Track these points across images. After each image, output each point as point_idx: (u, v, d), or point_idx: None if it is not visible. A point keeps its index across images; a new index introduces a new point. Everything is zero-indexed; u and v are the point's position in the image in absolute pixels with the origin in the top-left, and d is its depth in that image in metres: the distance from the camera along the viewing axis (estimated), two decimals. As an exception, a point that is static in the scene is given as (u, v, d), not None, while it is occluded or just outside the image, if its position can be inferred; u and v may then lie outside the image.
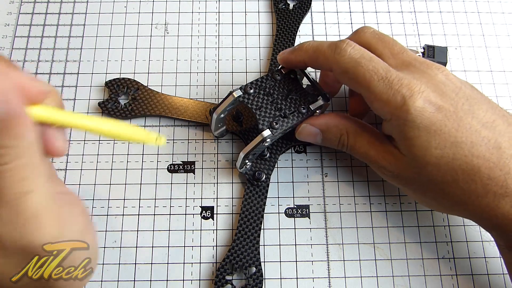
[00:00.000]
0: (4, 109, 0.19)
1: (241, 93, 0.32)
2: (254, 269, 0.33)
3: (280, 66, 0.34)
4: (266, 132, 0.31)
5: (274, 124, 0.31)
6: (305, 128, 0.33)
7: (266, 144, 0.32)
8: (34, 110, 0.21)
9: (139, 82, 0.39)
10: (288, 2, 0.43)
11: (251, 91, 0.32)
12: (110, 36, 0.42)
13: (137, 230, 0.35)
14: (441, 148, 0.27)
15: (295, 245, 0.35)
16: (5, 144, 0.19)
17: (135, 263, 0.34)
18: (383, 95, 0.28)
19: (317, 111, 0.33)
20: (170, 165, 0.37)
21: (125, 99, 0.39)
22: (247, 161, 0.34)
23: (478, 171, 0.27)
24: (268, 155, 0.36)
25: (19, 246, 0.19)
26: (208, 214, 0.36)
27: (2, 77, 0.19)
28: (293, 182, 0.37)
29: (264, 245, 0.35)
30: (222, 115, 0.34)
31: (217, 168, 0.37)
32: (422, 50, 0.40)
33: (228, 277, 0.33)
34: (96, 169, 0.37)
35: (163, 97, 0.38)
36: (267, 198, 0.36)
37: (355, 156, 0.33)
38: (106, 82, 0.39)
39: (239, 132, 0.37)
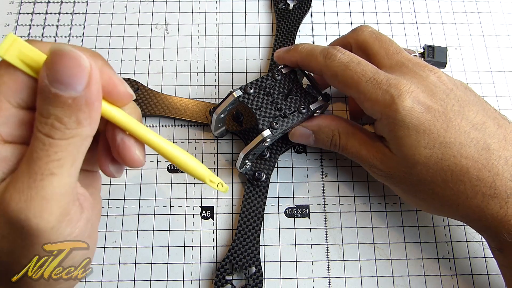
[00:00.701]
0: (82, 92, 0.19)
1: (241, 93, 0.32)
2: (254, 269, 0.33)
3: (280, 66, 0.34)
4: (266, 132, 0.31)
5: (274, 124, 0.31)
6: (297, 130, 0.34)
7: (266, 144, 0.32)
8: (109, 108, 0.22)
9: (139, 82, 0.39)
10: (288, 2, 0.43)
11: (251, 91, 0.32)
12: (110, 36, 0.42)
13: (137, 230, 0.35)
14: (430, 147, 0.28)
15: (295, 245, 0.35)
16: (64, 121, 0.20)
17: (135, 263, 0.34)
18: (372, 94, 0.29)
19: (317, 111, 0.33)
20: (170, 165, 0.37)
21: None
22: (247, 161, 0.34)
23: (467, 172, 0.27)
24: (268, 155, 0.36)
25: (17, 216, 0.19)
26: (208, 214, 0.36)
27: (95, 68, 0.20)
28: (293, 182, 0.37)
29: (264, 245, 0.35)
30: (222, 115, 0.34)
31: (217, 168, 0.37)
32: (422, 50, 0.40)
33: (228, 277, 0.33)
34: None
35: (163, 97, 0.38)
36: (267, 198, 0.36)
37: (348, 156, 0.33)
38: None
39: (239, 132, 0.37)
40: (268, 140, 0.31)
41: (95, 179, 0.27)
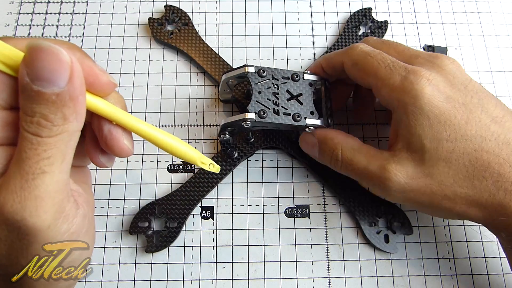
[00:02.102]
0: (65, 87, 0.19)
1: (253, 71, 0.32)
2: (176, 224, 0.34)
3: (304, 69, 0.34)
4: (250, 115, 0.31)
5: (262, 113, 0.31)
6: (306, 136, 0.33)
7: (245, 126, 0.31)
8: (93, 99, 0.22)
9: (191, 20, 0.42)
10: (360, 27, 0.42)
11: (264, 74, 0.32)
12: (110, 36, 0.42)
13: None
14: (452, 141, 0.26)
15: (295, 245, 0.35)
16: (50, 118, 0.19)
17: (135, 263, 0.34)
18: (390, 80, 0.28)
19: (311, 128, 0.32)
20: (170, 165, 0.37)
21: (172, 27, 0.42)
22: (227, 133, 0.33)
23: (488, 167, 0.26)
24: (252, 140, 0.36)
25: (13, 217, 0.19)
26: (208, 214, 0.36)
27: (75, 61, 0.20)
28: (293, 182, 0.37)
29: (264, 245, 0.35)
30: (230, 81, 0.34)
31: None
32: (422, 50, 0.40)
33: (151, 217, 0.34)
34: (96, 169, 0.37)
35: (202, 44, 0.41)
36: (267, 198, 0.36)
37: (353, 176, 0.31)
38: (165, 5, 0.42)
39: (241, 105, 0.38)
40: (248, 122, 0.31)
41: (84, 175, 0.27)
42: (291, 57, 0.41)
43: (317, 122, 0.32)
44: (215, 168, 0.28)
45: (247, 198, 0.36)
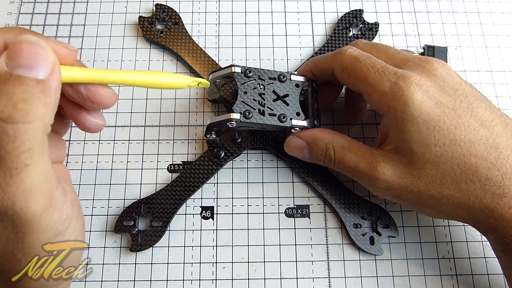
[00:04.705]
0: (47, 77, 0.20)
1: (240, 71, 0.32)
2: (161, 223, 0.34)
3: (292, 71, 0.34)
4: (235, 115, 0.31)
5: (247, 113, 0.31)
6: (291, 140, 0.33)
7: (231, 126, 0.31)
8: (67, 71, 0.22)
9: (181, 20, 0.41)
10: (351, 28, 0.42)
11: (250, 74, 0.32)
12: (110, 36, 0.42)
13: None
14: (440, 145, 0.27)
15: (295, 245, 0.35)
16: (29, 101, 0.19)
17: (135, 263, 0.34)
18: (380, 86, 0.28)
19: (296, 129, 0.32)
20: (170, 165, 0.37)
21: (162, 26, 0.41)
22: (213, 133, 0.33)
23: (476, 171, 0.27)
24: (239, 140, 0.36)
25: (5, 213, 0.19)
26: (208, 214, 0.36)
27: (57, 60, 0.20)
28: (293, 182, 0.37)
29: (264, 245, 0.35)
30: (217, 81, 0.34)
31: (217, 168, 0.37)
32: (422, 50, 0.40)
33: (136, 217, 0.34)
34: (96, 169, 0.37)
35: (191, 42, 0.41)
36: (267, 198, 0.36)
37: (345, 173, 0.32)
38: (156, 4, 0.42)
39: (229, 104, 0.38)
40: (233, 122, 0.31)
41: (62, 171, 0.27)
42: (291, 57, 0.41)
43: (303, 123, 0.32)
44: (205, 84, 0.27)
45: (247, 198, 0.36)
